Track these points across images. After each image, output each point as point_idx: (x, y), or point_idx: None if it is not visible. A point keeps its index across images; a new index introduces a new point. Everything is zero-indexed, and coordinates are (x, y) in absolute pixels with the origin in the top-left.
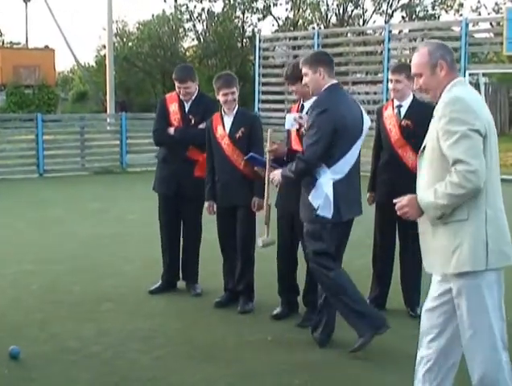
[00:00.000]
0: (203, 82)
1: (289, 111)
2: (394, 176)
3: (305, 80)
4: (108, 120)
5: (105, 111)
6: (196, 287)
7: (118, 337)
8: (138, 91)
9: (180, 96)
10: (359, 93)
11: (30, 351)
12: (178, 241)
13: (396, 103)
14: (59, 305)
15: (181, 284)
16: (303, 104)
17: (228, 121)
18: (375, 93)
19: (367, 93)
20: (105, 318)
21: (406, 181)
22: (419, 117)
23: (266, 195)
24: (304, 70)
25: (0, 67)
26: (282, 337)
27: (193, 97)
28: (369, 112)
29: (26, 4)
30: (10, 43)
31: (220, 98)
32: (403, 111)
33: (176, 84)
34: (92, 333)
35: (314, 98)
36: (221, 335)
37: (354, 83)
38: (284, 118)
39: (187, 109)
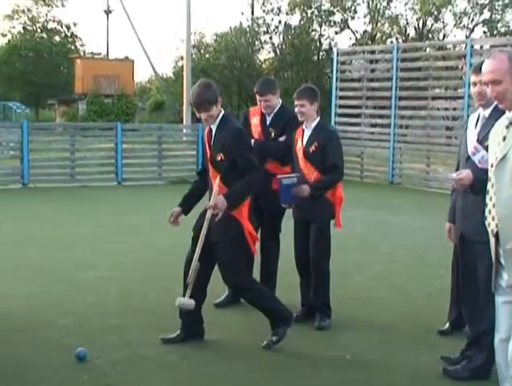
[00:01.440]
0: None
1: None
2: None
3: None
4: (184, 130)
5: (182, 121)
6: None
7: (193, 347)
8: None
9: (262, 110)
10: (438, 109)
11: (108, 357)
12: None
13: None
14: (135, 312)
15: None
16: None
17: (307, 134)
18: (454, 109)
19: (446, 109)
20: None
21: None
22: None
23: (196, 254)
24: None
25: (81, 76)
26: (360, 356)
27: (275, 110)
28: (447, 129)
29: (107, 15)
30: (91, 53)
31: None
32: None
33: (257, 96)
34: (156, 349)
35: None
36: (297, 350)
37: (433, 98)
38: (360, 132)
39: (268, 122)
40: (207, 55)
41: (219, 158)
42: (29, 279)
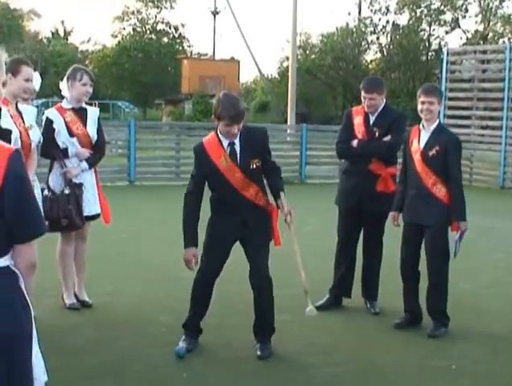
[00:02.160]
0: None
1: None
2: None
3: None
4: (288, 131)
5: (286, 122)
6: (375, 305)
7: (294, 350)
8: (319, 103)
9: (366, 108)
10: None
11: (206, 356)
12: (353, 258)
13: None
14: (233, 312)
15: (345, 301)
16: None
17: (424, 136)
18: None
19: None
20: (282, 330)
21: None
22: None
23: (297, 260)
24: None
25: (188, 77)
26: (467, 367)
27: (379, 110)
28: None
29: (214, 17)
30: (198, 54)
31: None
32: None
33: (362, 93)
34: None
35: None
36: (402, 358)
37: None
38: (470, 134)
39: (371, 122)
40: (312, 56)
41: (254, 166)
42: (133, 276)
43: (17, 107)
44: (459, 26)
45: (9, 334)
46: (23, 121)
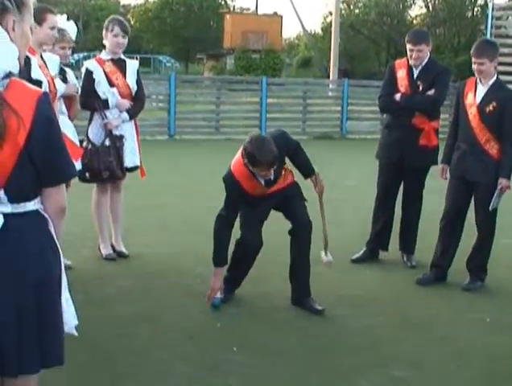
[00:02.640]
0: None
1: None
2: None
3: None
4: (330, 86)
5: (328, 77)
6: (412, 259)
7: (327, 301)
8: (362, 58)
9: (410, 62)
10: None
11: (243, 306)
12: (392, 212)
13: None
14: (272, 263)
15: (382, 255)
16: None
17: (481, 90)
18: None
19: None
20: (316, 281)
21: None
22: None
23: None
24: None
25: (230, 32)
26: (502, 320)
27: (423, 63)
28: None
29: None
30: (241, 8)
31: None
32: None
33: (409, 46)
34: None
35: None
36: (436, 310)
37: None
38: None
39: (415, 75)
40: (356, 11)
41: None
42: (171, 228)
43: (41, 56)
44: None
45: (38, 278)
46: (49, 71)
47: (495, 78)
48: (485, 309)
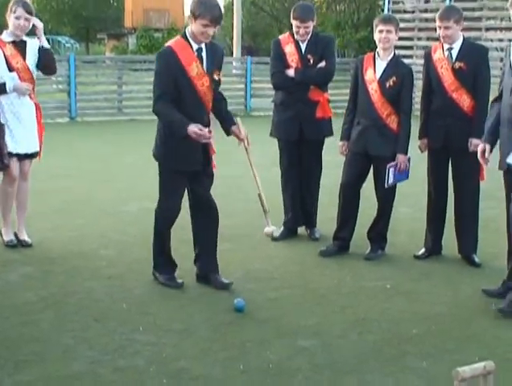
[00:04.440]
0: (329, 27)
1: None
2: (450, 121)
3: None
4: (234, 63)
5: (232, 55)
6: (314, 231)
7: (235, 276)
8: (265, 36)
9: (297, 37)
10: (492, 40)
11: (147, 287)
12: (300, 186)
13: (446, 46)
14: (179, 242)
15: (301, 230)
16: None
17: (381, 65)
18: (510, 40)
19: (501, 40)
20: (223, 258)
21: (462, 125)
22: (471, 59)
23: (257, 184)
24: None
25: (131, 10)
26: (402, 286)
27: (309, 37)
28: (501, 60)
29: None
30: None
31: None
32: (455, 53)
33: (296, 23)
34: None
35: None
36: (338, 280)
37: (487, 29)
38: (413, 64)
39: (303, 50)
40: None
41: (217, 77)
42: (74, 211)
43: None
44: None
45: None
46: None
47: (393, 53)
48: (386, 276)
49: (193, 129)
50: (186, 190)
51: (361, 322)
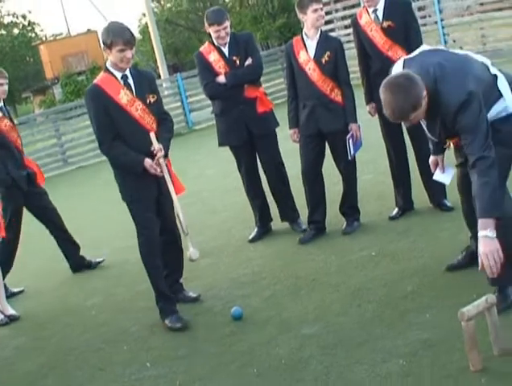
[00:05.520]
0: (247, 24)
1: None
2: None
3: None
4: (164, 84)
5: (159, 77)
6: (300, 223)
7: (224, 286)
8: (187, 50)
9: (218, 42)
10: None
11: (144, 324)
12: (261, 185)
13: (371, 9)
14: None
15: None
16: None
17: (311, 45)
18: None
19: None
20: (207, 273)
21: None
22: (397, 15)
23: (175, 204)
24: None
25: (49, 61)
26: (385, 249)
27: (228, 39)
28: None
29: None
30: (53, 35)
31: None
32: (380, 14)
33: (214, 28)
34: (199, 289)
35: None
36: (324, 262)
37: None
38: (337, 37)
39: (227, 53)
40: (168, 5)
41: (151, 101)
42: (52, 270)
43: None
44: None
45: None
46: None
47: (319, 31)
48: (368, 245)
49: (149, 162)
50: None
51: (357, 294)
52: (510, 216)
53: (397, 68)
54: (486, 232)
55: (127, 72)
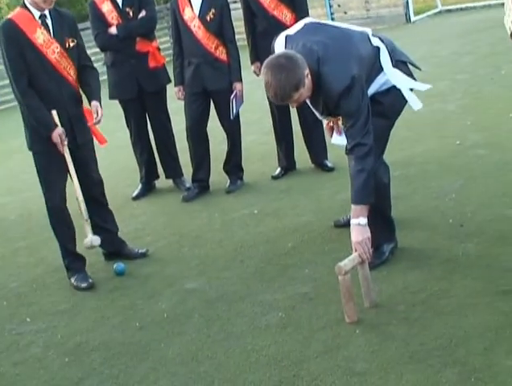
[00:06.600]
0: None
1: None
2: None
3: None
4: None
5: None
6: (184, 181)
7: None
8: (69, 4)
9: None
10: None
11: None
12: (150, 143)
13: None
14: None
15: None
16: None
17: (196, 2)
18: None
19: None
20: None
21: None
22: None
23: (76, 187)
24: None
25: None
26: (268, 208)
27: None
28: None
29: None
30: None
31: None
32: None
33: None
34: None
35: None
36: (207, 219)
37: None
38: None
39: (120, 4)
40: None
41: (70, 45)
42: None
43: None
44: None
45: None
46: None
47: None
48: (251, 203)
49: (57, 134)
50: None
51: (240, 251)
52: (381, 182)
53: (278, 45)
54: (358, 220)
55: (46, 12)
